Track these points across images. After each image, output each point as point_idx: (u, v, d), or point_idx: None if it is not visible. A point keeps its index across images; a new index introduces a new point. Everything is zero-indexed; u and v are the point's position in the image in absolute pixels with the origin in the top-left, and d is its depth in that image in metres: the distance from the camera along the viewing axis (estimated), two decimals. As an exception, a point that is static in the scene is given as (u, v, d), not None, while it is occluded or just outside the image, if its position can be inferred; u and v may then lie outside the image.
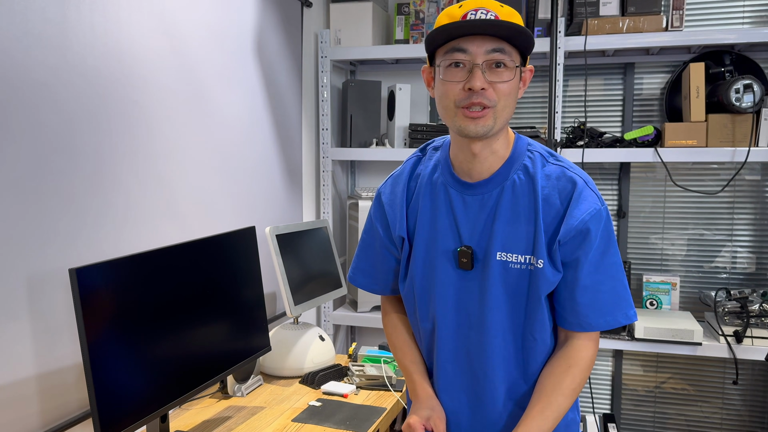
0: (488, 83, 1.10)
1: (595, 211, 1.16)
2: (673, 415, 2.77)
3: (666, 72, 2.67)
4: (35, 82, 1.34)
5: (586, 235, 1.15)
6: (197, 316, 1.59)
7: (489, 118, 1.12)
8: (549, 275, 1.17)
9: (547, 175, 1.19)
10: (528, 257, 1.18)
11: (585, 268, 1.17)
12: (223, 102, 2.05)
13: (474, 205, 1.21)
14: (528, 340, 1.22)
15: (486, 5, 1.11)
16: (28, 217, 1.33)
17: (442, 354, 1.28)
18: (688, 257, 2.71)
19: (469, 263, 1.21)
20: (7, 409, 1.29)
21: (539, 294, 1.18)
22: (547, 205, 1.17)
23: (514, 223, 1.19)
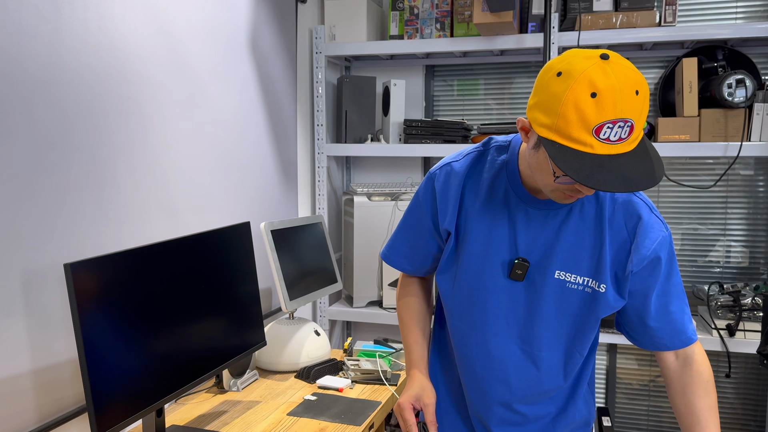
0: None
1: (663, 238, 1.17)
2: (668, 408, 2.79)
3: (659, 67, 2.68)
4: (29, 78, 1.34)
5: (657, 263, 1.17)
6: (192, 311, 1.59)
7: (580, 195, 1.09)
8: (611, 300, 1.18)
9: (614, 199, 1.18)
10: (588, 279, 1.18)
11: (654, 294, 1.19)
12: (218, 98, 2.05)
13: (537, 220, 1.19)
14: (573, 356, 1.25)
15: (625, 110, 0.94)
16: (22, 213, 1.33)
17: (477, 359, 1.27)
18: (681, 252, 2.72)
19: (522, 275, 1.20)
20: (3, 404, 1.30)
21: (597, 316, 1.20)
22: (612, 230, 1.17)
23: (578, 244, 1.17)
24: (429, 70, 2.94)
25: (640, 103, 0.96)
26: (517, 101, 2.87)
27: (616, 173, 0.95)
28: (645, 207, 1.17)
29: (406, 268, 1.40)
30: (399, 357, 2.14)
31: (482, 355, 1.27)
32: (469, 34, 2.62)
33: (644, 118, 0.98)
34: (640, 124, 0.98)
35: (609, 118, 0.94)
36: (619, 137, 0.95)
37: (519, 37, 2.50)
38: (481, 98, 2.92)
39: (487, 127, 2.63)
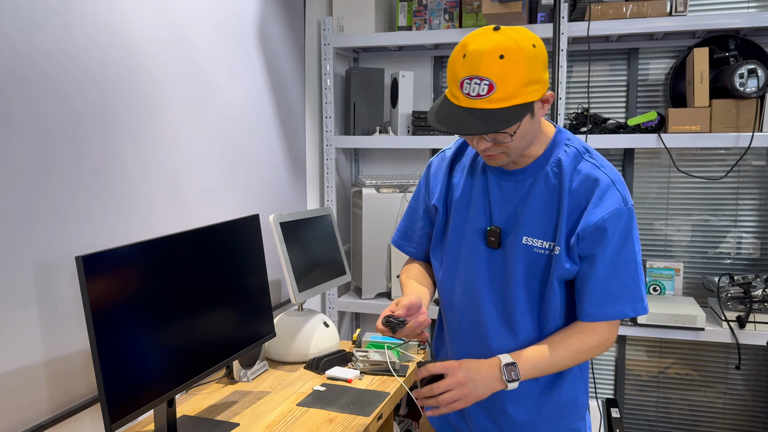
0: (493, 142, 1.20)
1: (616, 210, 1.21)
2: (677, 399, 2.78)
3: (671, 57, 2.65)
4: (39, 73, 1.35)
5: (603, 233, 1.21)
6: (202, 303, 1.61)
7: (503, 158, 1.24)
8: (564, 263, 1.25)
9: (578, 170, 1.25)
10: (550, 243, 1.26)
11: (599, 263, 1.23)
12: (226, 91, 2.06)
13: (508, 190, 1.30)
14: (546, 321, 1.30)
15: (480, 69, 1.10)
16: (34, 206, 1.35)
17: (461, 323, 1.37)
18: (692, 243, 2.71)
19: (497, 242, 1.30)
20: (17, 395, 1.32)
21: (553, 276, 1.26)
22: (573, 199, 1.24)
23: (542, 211, 1.27)
24: (438, 61, 2.93)
25: (504, 67, 1.09)
26: (527, 92, 2.85)
27: (458, 122, 1.12)
28: (607, 179, 1.23)
29: (408, 250, 1.52)
30: (408, 348, 2.15)
31: (467, 321, 1.36)
32: (477, 25, 2.61)
33: (512, 82, 1.10)
34: (504, 86, 1.10)
35: (468, 74, 1.11)
36: (477, 93, 1.11)
37: (528, 27, 2.49)
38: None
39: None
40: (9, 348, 1.30)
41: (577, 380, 1.38)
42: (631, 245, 1.24)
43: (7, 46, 1.27)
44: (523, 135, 1.19)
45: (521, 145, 1.22)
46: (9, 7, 1.27)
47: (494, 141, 1.19)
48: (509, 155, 1.23)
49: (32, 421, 1.36)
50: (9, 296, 1.29)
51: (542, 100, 1.18)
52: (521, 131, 1.18)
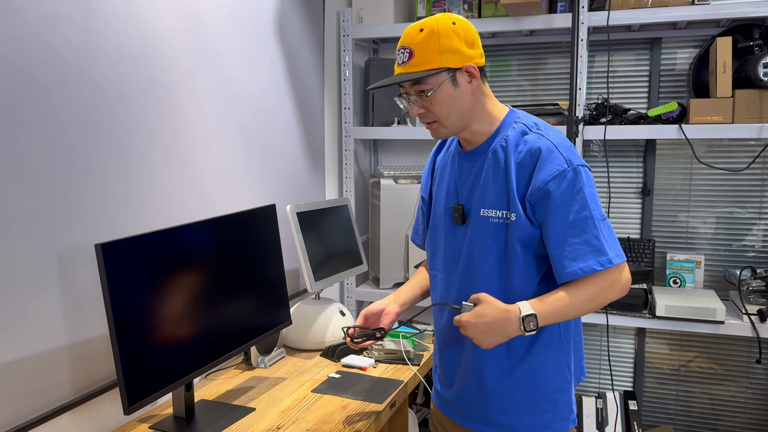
0: (422, 108, 1.35)
1: (558, 171, 1.29)
2: (698, 393, 2.76)
3: (695, 46, 2.61)
4: (61, 65, 1.39)
5: (548, 194, 1.30)
6: (220, 291, 1.64)
7: (439, 128, 1.37)
8: (524, 226, 1.33)
9: (525, 141, 1.35)
10: (504, 212, 1.36)
11: (554, 223, 1.31)
12: (245, 82, 2.09)
13: (467, 169, 1.44)
14: (507, 285, 1.38)
15: (405, 41, 1.32)
16: (57, 195, 1.39)
17: (443, 297, 1.50)
18: (714, 235, 2.67)
19: (461, 218, 1.42)
20: (41, 377, 1.37)
21: (513, 242, 1.34)
22: (521, 168, 1.34)
23: (494, 184, 1.37)
24: (457, 52, 2.92)
25: (421, 37, 1.29)
26: (549, 82, 2.83)
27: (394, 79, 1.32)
28: (549, 144, 1.32)
29: (419, 243, 1.67)
30: (423, 338, 2.17)
31: (448, 297, 1.48)
32: (496, 15, 2.60)
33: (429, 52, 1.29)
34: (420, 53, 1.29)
35: (399, 46, 1.33)
36: (402, 61, 1.32)
37: (548, 17, 2.47)
38: (512, 79, 2.89)
39: (515, 109, 2.61)
40: (33, 332, 1.35)
41: (552, 350, 1.41)
42: (583, 202, 1.29)
43: (31, 41, 1.31)
44: (446, 102, 1.32)
45: (449, 114, 1.33)
46: (33, 3, 1.31)
47: (421, 106, 1.34)
48: (444, 126, 1.36)
49: (55, 402, 1.41)
50: (33, 282, 1.34)
51: (466, 71, 1.32)
52: (442, 96, 1.31)
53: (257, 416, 1.63)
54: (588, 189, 1.30)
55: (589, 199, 1.30)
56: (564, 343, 1.43)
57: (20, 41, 1.29)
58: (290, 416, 1.63)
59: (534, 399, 1.40)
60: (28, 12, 1.31)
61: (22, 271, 1.32)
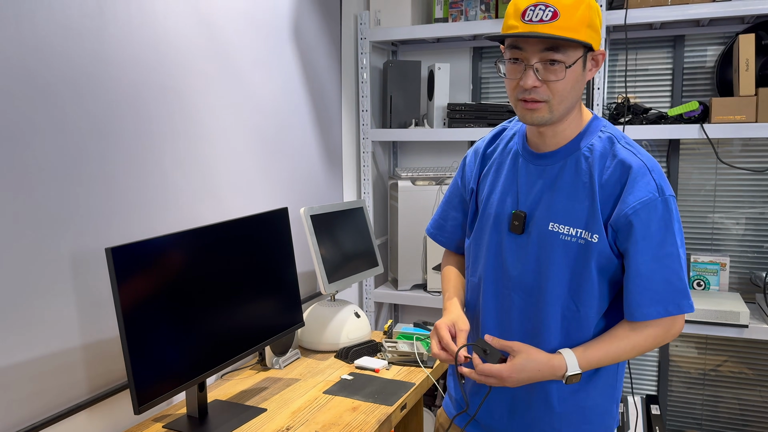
0: (541, 82, 1.16)
1: (649, 200, 1.17)
2: (726, 398, 2.69)
3: (719, 44, 2.55)
4: (74, 73, 1.43)
5: (637, 224, 1.17)
6: (231, 293, 1.67)
7: (544, 110, 1.18)
8: (605, 250, 1.20)
9: (612, 155, 1.21)
10: (580, 231, 1.22)
11: (639, 258, 1.18)
12: (261, 86, 2.11)
13: (536, 174, 1.28)
14: (570, 309, 1.26)
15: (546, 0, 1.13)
16: (71, 199, 1.44)
17: (485, 309, 1.35)
18: (741, 236, 2.61)
19: (520, 227, 1.27)
20: (57, 376, 1.42)
21: (590, 267, 1.22)
22: (607, 185, 1.20)
23: (572, 197, 1.23)
24: (476, 52, 2.92)
25: (571, 1, 1.12)
26: (566, 82, 2.80)
27: (530, 34, 1.12)
28: (642, 165, 1.19)
29: (440, 239, 1.53)
30: (437, 340, 2.17)
31: (491, 307, 1.34)
32: (514, 15, 2.58)
33: (578, 18, 1.12)
34: (568, 17, 1.12)
35: (532, 1, 1.13)
36: (540, 18, 1.12)
37: (565, 16, 2.44)
38: (529, 80, 2.87)
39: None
40: (48, 333, 1.39)
41: (607, 387, 1.32)
42: (672, 238, 1.18)
43: (44, 49, 1.35)
44: (571, 82, 1.16)
45: (567, 97, 1.17)
46: (45, 12, 1.35)
47: (544, 80, 1.15)
48: (551, 110, 1.18)
49: (71, 401, 1.45)
50: (48, 284, 1.39)
51: (595, 57, 1.20)
52: (570, 79, 1.16)
53: (268, 417, 1.65)
54: (677, 223, 1.19)
55: (677, 235, 1.19)
56: (619, 376, 1.35)
57: (34, 50, 1.33)
58: (300, 417, 1.64)
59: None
60: (42, 21, 1.35)
61: (37, 274, 1.36)
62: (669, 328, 1.23)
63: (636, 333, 1.22)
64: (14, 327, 1.32)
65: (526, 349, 1.20)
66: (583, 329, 1.26)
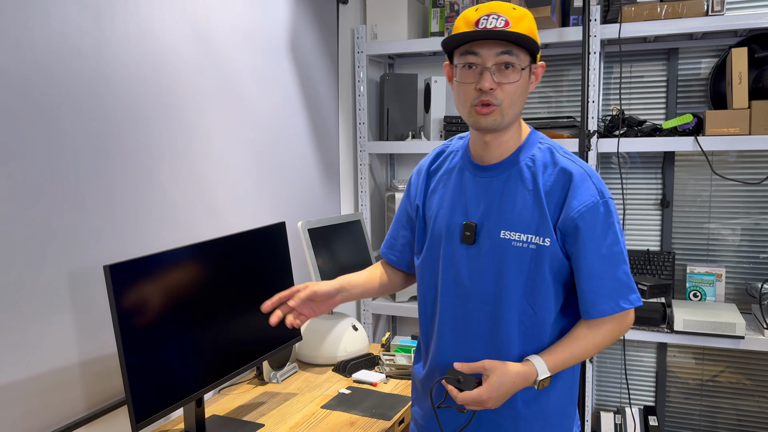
0: (496, 84, 1.22)
1: (592, 203, 1.24)
2: (724, 408, 2.70)
3: (712, 56, 2.58)
4: (74, 90, 1.44)
5: (583, 227, 1.24)
6: (229, 308, 1.68)
7: (496, 114, 1.24)
8: (557, 253, 1.26)
9: (554, 164, 1.29)
10: (531, 236, 1.27)
11: (586, 257, 1.25)
12: (258, 101, 2.13)
13: (483, 186, 1.33)
14: (526, 314, 1.29)
15: (498, 10, 1.22)
16: (69, 216, 1.44)
17: (442, 322, 1.37)
18: (736, 248, 2.62)
19: (472, 237, 1.31)
20: (54, 393, 1.42)
21: (543, 271, 1.27)
22: (552, 192, 1.27)
23: (520, 205, 1.28)
24: (472, 66, 2.93)
25: (518, 13, 1.21)
26: (570, 93, 2.82)
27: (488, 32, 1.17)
28: (582, 172, 1.27)
29: (391, 258, 1.54)
30: (435, 353, 2.17)
31: (449, 318, 1.35)
32: (509, 29, 2.60)
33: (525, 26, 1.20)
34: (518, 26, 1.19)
35: (485, 12, 1.21)
36: (494, 26, 1.19)
37: (560, 30, 2.46)
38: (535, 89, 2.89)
39: (529, 122, 2.61)
40: (45, 350, 1.40)
41: (566, 390, 1.35)
42: (615, 237, 1.26)
43: (43, 68, 1.37)
44: (520, 88, 1.23)
45: (515, 102, 1.24)
46: (44, 30, 1.37)
47: (500, 83, 1.21)
48: (503, 114, 1.24)
49: (69, 418, 1.46)
50: (45, 301, 1.39)
51: (536, 70, 1.27)
52: (521, 84, 1.23)
53: (266, 432, 1.65)
54: (617, 223, 1.27)
55: (619, 233, 1.27)
56: (575, 377, 1.38)
57: (33, 67, 1.35)
58: (298, 432, 1.65)
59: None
60: (41, 38, 1.36)
61: (35, 291, 1.37)
62: (622, 322, 1.29)
63: (593, 331, 1.28)
64: (12, 344, 1.33)
65: (497, 365, 1.22)
66: (541, 333, 1.30)
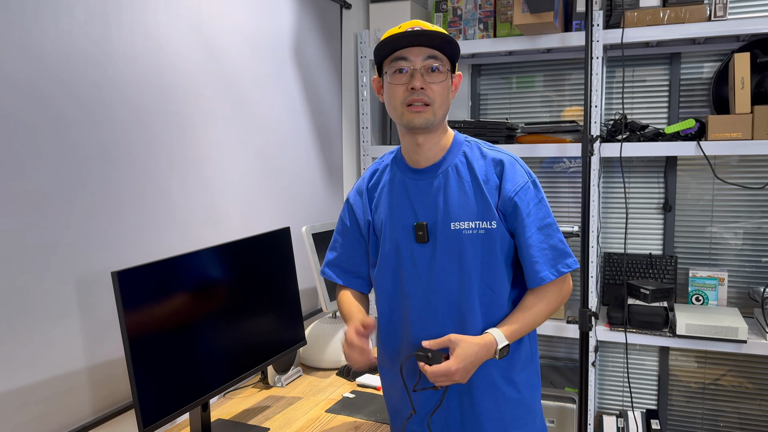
0: (426, 84, 1.34)
1: (524, 183, 1.40)
2: (727, 411, 2.71)
3: (715, 60, 2.59)
4: (82, 98, 1.46)
5: (518, 204, 1.38)
6: (235, 314, 1.69)
7: (429, 113, 1.36)
8: (504, 233, 1.40)
9: (483, 156, 1.43)
10: (478, 222, 1.39)
11: (525, 231, 1.39)
12: (262, 106, 2.14)
13: (425, 188, 1.44)
14: (486, 294, 1.41)
15: (420, 24, 1.37)
16: (76, 223, 1.46)
17: (413, 320, 1.45)
18: (738, 252, 2.63)
19: (425, 236, 1.42)
20: (61, 398, 1.43)
21: (495, 251, 1.39)
22: (488, 179, 1.41)
23: (462, 196, 1.40)
24: (475, 70, 2.95)
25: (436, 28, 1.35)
26: (572, 96, 2.83)
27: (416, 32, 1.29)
28: (510, 158, 1.42)
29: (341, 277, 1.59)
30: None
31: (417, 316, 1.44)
32: (512, 34, 2.61)
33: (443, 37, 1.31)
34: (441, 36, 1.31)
35: (408, 26, 1.35)
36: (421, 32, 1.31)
37: (563, 35, 2.48)
38: (531, 96, 2.90)
39: (532, 126, 2.62)
40: (53, 355, 1.41)
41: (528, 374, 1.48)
42: (546, 210, 1.41)
43: (51, 76, 1.38)
44: (445, 91, 1.36)
45: (443, 103, 1.36)
46: (52, 38, 1.38)
47: (429, 82, 1.33)
48: (434, 113, 1.35)
49: (76, 423, 1.47)
50: (53, 307, 1.41)
51: (455, 79, 1.41)
52: (446, 85, 1.36)
53: (271, 436, 1.66)
54: (545, 199, 1.42)
55: (548, 207, 1.42)
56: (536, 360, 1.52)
57: (41, 76, 1.36)
58: (303, 437, 1.66)
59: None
60: (49, 47, 1.38)
61: (43, 297, 1.38)
62: (562, 287, 1.43)
63: (539, 299, 1.41)
64: (21, 350, 1.34)
65: (460, 338, 1.33)
66: (499, 307, 1.42)
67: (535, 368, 1.51)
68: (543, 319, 1.42)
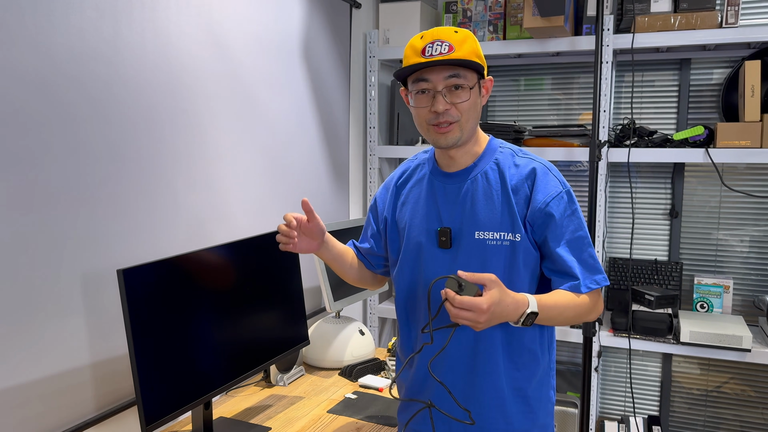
0: (449, 104, 1.31)
1: (556, 193, 1.34)
2: (729, 418, 2.70)
3: (725, 67, 2.57)
4: (91, 96, 1.46)
5: (549, 215, 1.33)
6: (239, 312, 1.69)
7: (456, 131, 1.33)
8: (528, 246, 1.35)
9: (516, 165, 1.38)
10: (503, 234, 1.35)
11: (554, 243, 1.34)
12: (270, 105, 2.14)
13: (453, 193, 1.40)
14: None
15: (441, 36, 1.30)
16: (82, 220, 1.46)
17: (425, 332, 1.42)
18: (744, 260, 2.62)
19: (448, 242, 1.38)
20: (65, 394, 1.44)
21: (518, 264, 1.35)
22: (518, 189, 1.36)
23: (490, 205, 1.36)
24: (483, 71, 2.94)
25: (459, 36, 1.29)
26: (581, 100, 2.82)
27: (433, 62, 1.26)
28: (543, 167, 1.37)
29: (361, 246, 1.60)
30: (441, 359, 2.18)
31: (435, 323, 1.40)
32: (521, 37, 2.61)
33: (468, 49, 1.28)
34: (462, 48, 1.28)
35: (429, 40, 1.29)
36: (439, 52, 1.27)
37: (572, 39, 2.47)
38: (539, 99, 2.89)
39: (540, 129, 2.61)
40: (58, 351, 1.42)
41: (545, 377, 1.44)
42: (579, 222, 1.35)
43: (61, 74, 1.39)
44: (472, 104, 1.32)
45: (470, 117, 1.33)
46: (63, 36, 1.39)
47: (452, 103, 1.30)
48: (461, 129, 1.32)
49: (79, 419, 1.47)
50: (58, 303, 1.41)
51: (485, 84, 1.36)
52: (472, 100, 1.31)
53: (272, 436, 1.67)
54: (579, 211, 1.37)
55: (582, 220, 1.37)
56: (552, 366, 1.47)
57: (51, 74, 1.36)
58: (304, 437, 1.66)
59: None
60: (60, 45, 1.38)
61: (48, 294, 1.39)
62: (597, 305, 1.38)
63: (574, 297, 1.34)
64: (26, 346, 1.35)
65: (499, 281, 1.21)
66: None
67: (550, 382, 1.46)
68: (572, 313, 1.32)
